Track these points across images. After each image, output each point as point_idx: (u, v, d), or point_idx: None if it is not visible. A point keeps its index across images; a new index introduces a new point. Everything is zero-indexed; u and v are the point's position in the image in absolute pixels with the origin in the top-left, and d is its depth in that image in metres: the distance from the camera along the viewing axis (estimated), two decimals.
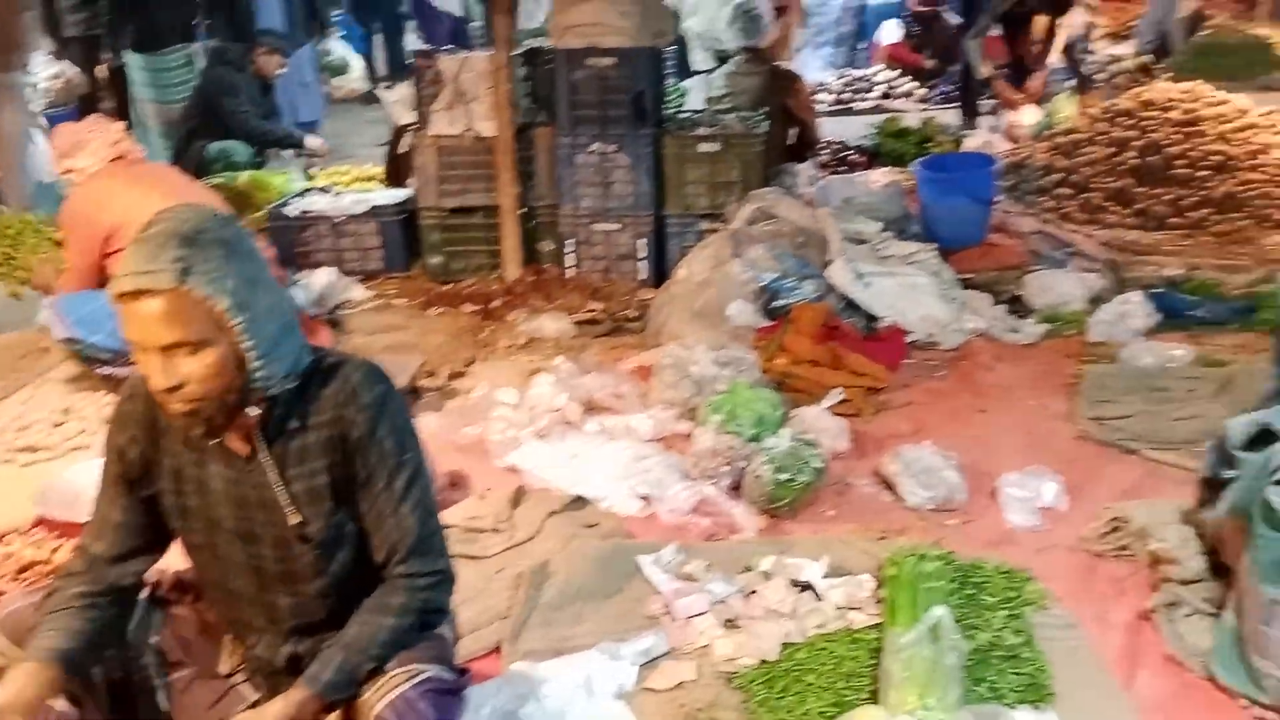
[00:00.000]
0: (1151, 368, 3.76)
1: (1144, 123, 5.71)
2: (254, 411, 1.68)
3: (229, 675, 1.90)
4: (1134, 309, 4.17)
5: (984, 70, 7.32)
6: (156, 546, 1.84)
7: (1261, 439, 2.18)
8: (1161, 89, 5.98)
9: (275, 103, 6.89)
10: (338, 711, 1.68)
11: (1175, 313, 4.22)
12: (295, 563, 1.75)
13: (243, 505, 1.74)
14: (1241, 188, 5.40)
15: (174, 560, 1.91)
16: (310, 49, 8.63)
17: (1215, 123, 5.63)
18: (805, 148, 6.36)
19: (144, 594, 1.89)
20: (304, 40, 8.54)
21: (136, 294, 1.55)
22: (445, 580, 1.79)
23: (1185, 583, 2.38)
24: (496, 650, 2.40)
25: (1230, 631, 2.14)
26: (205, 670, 1.90)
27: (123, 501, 1.79)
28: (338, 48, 10.56)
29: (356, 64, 10.64)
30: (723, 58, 6.56)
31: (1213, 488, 2.32)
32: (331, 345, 4.00)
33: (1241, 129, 5.60)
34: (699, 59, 6.96)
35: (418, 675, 1.66)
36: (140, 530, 1.81)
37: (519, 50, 5.09)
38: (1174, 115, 5.68)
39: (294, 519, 1.71)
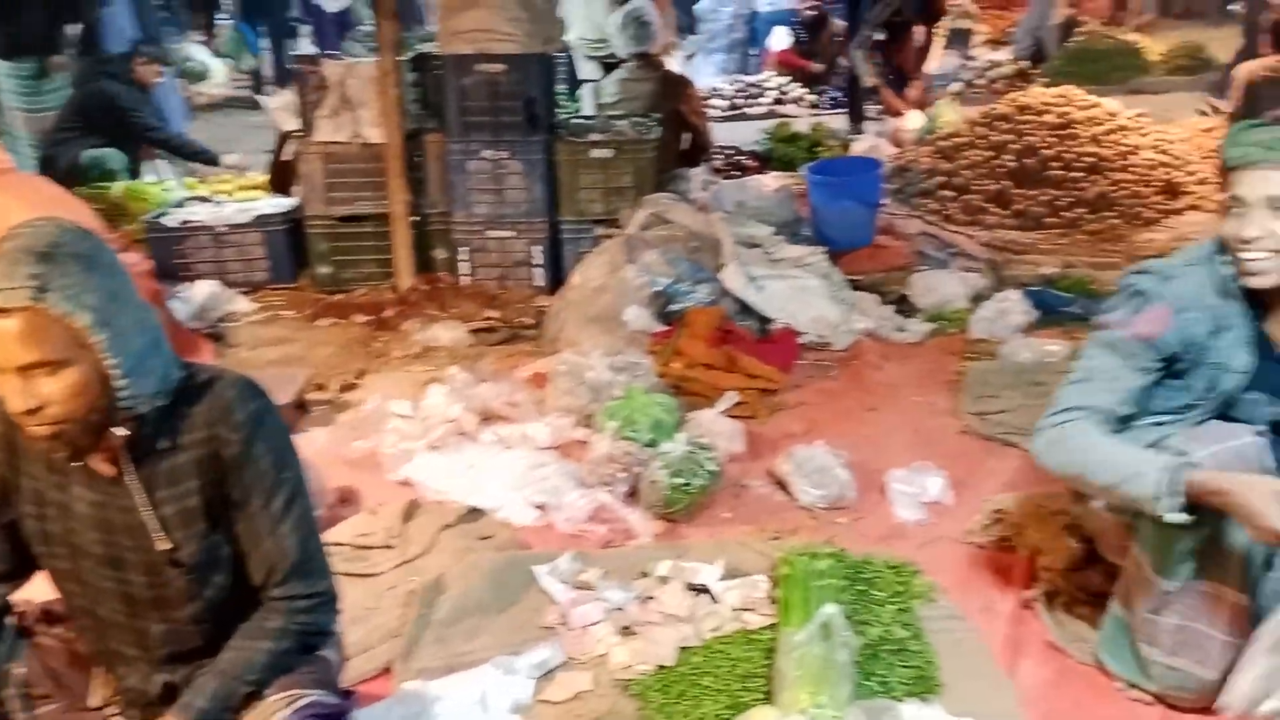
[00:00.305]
0: (1030, 363, 3.89)
1: (1020, 126, 5.92)
2: (121, 432, 1.61)
3: (101, 708, 1.82)
4: (1013, 306, 4.31)
5: (869, 79, 7.52)
6: (20, 572, 1.78)
7: None
8: (1037, 93, 6.22)
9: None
10: None
11: (1051, 309, 4.36)
12: (166, 588, 1.68)
13: (109, 530, 1.66)
14: (1113, 188, 5.65)
15: (42, 590, 1.82)
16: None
17: (1087, 125, 5.88)
18: (698, 153, 6.41)
19: (8, 622, 1.80)
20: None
21: None
22: (327, 601, 1.74)
23: (1063, 572, 2.46)
24: (388, 670, 2.34)
25: (1117, 620, 2.19)
26: (75, 703, 1.81)
27: None
28: (197, 53, 10.31)
29: (217, 69, 10.43)
30: (609, 66, 6.58)
31: None
32: (214, 360, 3.90)
33: (1111, 131, 5.86)
34: (585, 69, 6.97)
35: (298, 700, 1.62)
36: (2, 556, 1.74)
37: (407, 56, 5.02)
38: (1049, 119, 5.91)
39: (162, 544, 1.64)
